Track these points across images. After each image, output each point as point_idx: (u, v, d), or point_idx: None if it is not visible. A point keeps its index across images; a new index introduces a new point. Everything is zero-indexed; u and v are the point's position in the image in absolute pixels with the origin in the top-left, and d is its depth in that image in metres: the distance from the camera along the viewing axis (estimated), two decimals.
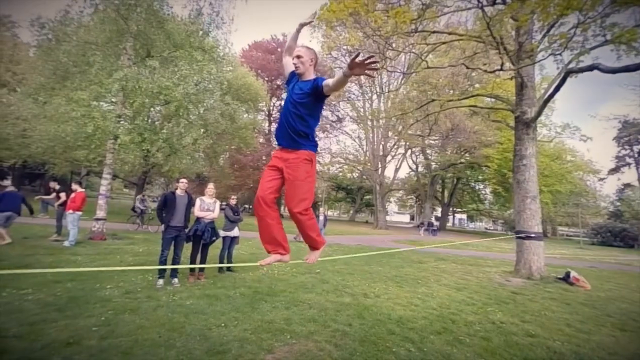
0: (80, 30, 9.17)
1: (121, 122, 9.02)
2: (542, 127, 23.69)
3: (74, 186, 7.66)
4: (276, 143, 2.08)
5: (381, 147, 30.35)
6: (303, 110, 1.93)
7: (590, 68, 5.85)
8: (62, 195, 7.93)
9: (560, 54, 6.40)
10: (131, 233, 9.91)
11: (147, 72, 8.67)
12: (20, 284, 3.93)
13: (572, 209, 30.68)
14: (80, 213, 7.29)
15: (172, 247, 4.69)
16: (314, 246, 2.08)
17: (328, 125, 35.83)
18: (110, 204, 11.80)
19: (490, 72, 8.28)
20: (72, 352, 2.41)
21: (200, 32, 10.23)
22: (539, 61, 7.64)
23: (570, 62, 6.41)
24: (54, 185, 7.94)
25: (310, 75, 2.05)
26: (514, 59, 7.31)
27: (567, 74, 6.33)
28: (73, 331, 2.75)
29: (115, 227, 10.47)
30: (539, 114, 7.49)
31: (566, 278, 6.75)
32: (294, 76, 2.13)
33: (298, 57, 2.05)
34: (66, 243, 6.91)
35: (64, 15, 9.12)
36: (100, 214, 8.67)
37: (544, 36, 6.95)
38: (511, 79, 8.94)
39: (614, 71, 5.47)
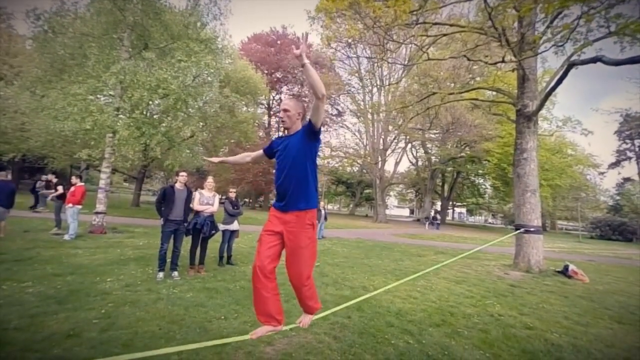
0: (76, 21, 9.04)
1: (119, 116, 8.96)
2: (543, 121, 23.57)
3: (74, 180, 7.64)
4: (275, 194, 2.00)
5: (381, 140, 30.22)
6: (302, 162, 1.84)
7: (593, 60, 5.77)
8: (60, 188, 7.89)
9: (563, 46, 6.31)
10: (131, 227, 9.92)
11: (145, 64, 8.57)
12: (20, 276, 3.95)
13: (571, 203, 30.71)
14: (80, 207, 7.29)
15: (171, 241, 4.70)
16: (309, 312, 2.04)
17: (328, 119, 35.66)
18: (110, 198, 11.81)
19: (492, 65, 8.20)
20: (72, 344, 2.42)
21: (199, 24, 10.07)
22: (541, 52, 7.54)
23: (573, 54, 6.33)
24: (52, 178, 7.90)
25: (298, 128, 1.94)
26: (516, 50, 7.21)
27: (570, 66, 6.25)
28: (73, 323, 2.76)
29: (115, 220, 10.49)
30: (540, 107, 7.43)
31: (564, 271, 6.78)
32: (277, 143, 2.02)
33: (285, 110, 1.92)
34: (66, 236, 6.92)
35: (60, 7, 8.98)
36: (100, 207, 8.68)
37: (547, 27, 6.84)
38: (513, 71, 8.85)
39: (617, 63, 5.40)
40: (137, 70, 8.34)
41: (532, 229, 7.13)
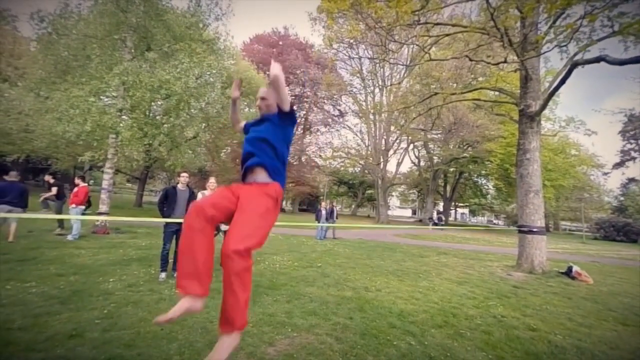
0: (79, 23, 9.12)
1: (122, 117, 9.01)
2: (546, 121, 23.48)
3: (77, 180, 7.69)
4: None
5: (383, 141, 30.19)
6: (273, 142, 1.78)
7: (597, 59, 5.73)
8: (54, 189, 7.87)
9: (566, 46, 6.28)
10: (134, 227, 9.97)
11: (148, 65, 8.62)
12: (24, 276, 3.98)
13: (575, 203, 30.51)
14: (83, 207, 7.34)
15: (174, 241, 4.71)
16: (232, 321, 1.38)
17: (330, 120, 35.68)
18: (113, 198, 11.87)
19: (494, 65, 8.16)
20: (75, 344, 2.43)
21: (201, 25, 10.12)
22: (544, 53, 7.51)
23: (576, 53, 6.30)
24: (49, 179, 7.94)
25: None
26: (519, 51, 7.18)
27: (573, 66, 6.21)
28: (76, 323, 2.77)
29: (118, 221, 10.54)
30: (543, 107, 7.39)
31: (568, 272, 6.73)
32: (252, 124, 1.99)
33: (262, 99, 1.91)
34: (69, 237, 6.97)
35: (64, 9, 9.07)
36: (103, 208, 8.73)
37: (549, 27, 6.81)
38: (515, 71, 8.81)
39: (621, 63, 5.36)
40: (140, 71, 8.39)
41: (535, 230, 7.09)
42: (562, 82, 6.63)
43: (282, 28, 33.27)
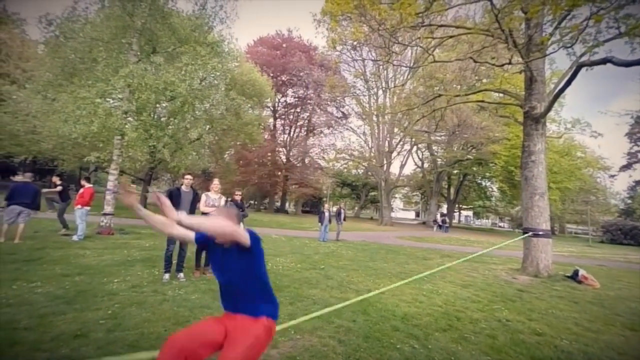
0: (86, 26, 9.25)
1: (128, 119, 9.11)
2: (551, 123, 23.29)
3: (83, 182, 7.76)
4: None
5: (387, 143, 30.14)
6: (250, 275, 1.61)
7: (603, 61, 5.68)
8: (58, 189, 7.95)
9: (571, 47, 6.22)
10: (138, 228, 10.03)
11: (153, 68, 8.71)
12: (30, 276, 4.02)
13: (581, 206, 30.17)
14: (88, 208, 7.40)
15: (177, 242, 4.73)
16: None
17: (333, 122, 35.71)
18: (118, 199, 11.96)
19: (499, 66, 8.12)
20: (79, 344, 2.45)
21: (206, 28, 10.21)
22: (549, 54, 7.45)
23: (582, 55, 6.24)
24: (56, 180, 8.04)
25: None
26: (524, 52, 7.14)
27: (579, 67, 6.16)
28: (81, 324, 2.80)
29: (122, 222, 10.62)
30: (548, 109, 7.32)
31: (574, 276, 6.65)
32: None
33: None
34: (75, 237, 7.03)
35: (71, 12, 9.20)
36: (108, 209, 8.80)
37: (555, 28, 6.77)
38: (520, 72, 8.76)
39: (628, 64, 5.31)
40: (145, 73, 8.48)
41: (540, 233, 7.02)
42: (568, 83, 6.57)
43: (286, 30, 33.46)
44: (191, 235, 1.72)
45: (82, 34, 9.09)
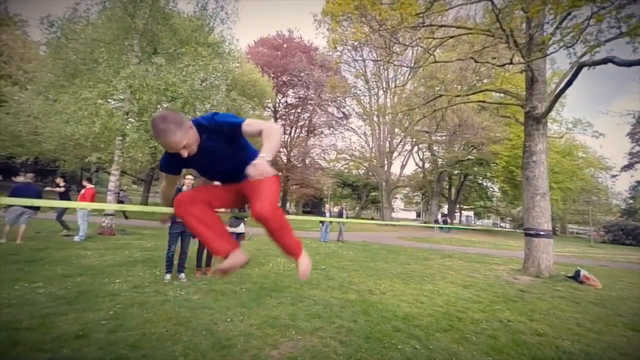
0: (88, 28, 9.28)
1: (129, 120, 9.13)
2: (552, 123, 23.24)
3: (84, 182, 7.79)
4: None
5: (387, 143, 30.11)
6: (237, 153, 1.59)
7: (604, 61, 5.67)
8: (61, 189, 7.96)
9: (572, 47, 6.21)
10: (139, 228, 10.05)
11: (154, 69, 8.73)
12: (32, 277, 4.03)
13: (582, 206, 30.06)
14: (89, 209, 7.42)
15: (179, 243, 4.74)
16: (294, 253, 1.69)
17: (334, 122, 35.70)
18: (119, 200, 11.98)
19: (500, 66, 8.10)
20: (81, 344, 2.45)
21: (207, 29, 10.23)
22: (550, 54, 7.44)
23: (583, 54, 6.22)
24: (59, 181, 8.06)
25: (198, 138, 1.48)
26: (525, 52, 7.13)
27: (580, 67, 6.15)
28: (82, 324, 2.80)
29: (123, 222, 10.64)
30: (549, 109, 7.31)
31: (576, 277, 6.63)
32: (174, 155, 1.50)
33: (184, 148, 1.40)
34: (76, 238, 7.05)
35: (72, 13, 9.23)
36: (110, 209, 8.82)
37: (556, 28, 6.75)
38: (521, 72, 8.74)
39: (630, 64, 5.30)
40: (147, 74, 8.50)
41: (541, 233, 7.00)
42: (569, 83, 6.56)
43: (286, 31, 33.44)
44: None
45: (84, 35, 9.12)
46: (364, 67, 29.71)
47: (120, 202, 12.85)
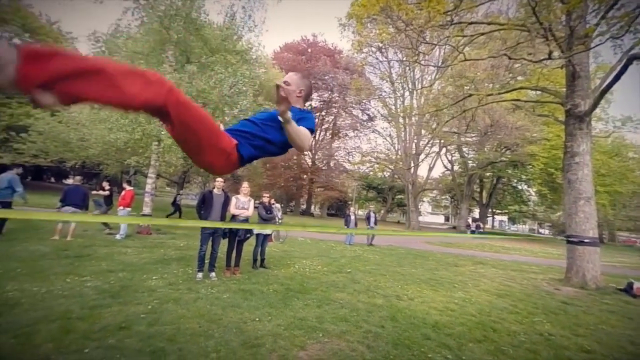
0: (128, 42, 10.02)
1: (164, 126, 9.69)
2: (597, 121, 21.43)
3: (124, 185, 8.38)
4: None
5: (414, 145, 29.36)
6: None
7: None
8: (106, 192, 8.65)
9: (621, 38, 5.72)
10: (173, 228, 10.60)
11: (187, 77, 9.22)
12: (81, 271, 4.39)
13: (634, 212, 27.32)
14: (129, 209, 7.96)
15: (210, 243, 4.95)
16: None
17: (358, 124, 35.50)
18: (155, 201, 12.73)
19: (536, 62, 7.62)
20: (124, 335, 2.63)
21: (235, 37, 10.64)
22: (594, 47, 6.88)
23: (633, 46, 5.71)
24: (105, 185, 8.74)
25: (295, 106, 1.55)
26: (565, 46, 6.66)
27: (630, 60, 5.64)
28: (125, 317, 3.01)
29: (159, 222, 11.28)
30: (594, 106, 6.76)
31: (628, 289, 6.03)
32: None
33: (285, 83, 1.52)
34: (117, 236, 7.59)
35: (115, 29, 10.02)
36: (147, 210, 9.40)
37: (601, 18, 6.24)
38: (561, 68, 8.16)
39: None
40: (181, 82, 9.00)
41: (586, 240, 6.45)
42: (617, 78, 6.03)
43: (311, 36, 33.89)
44: None
45: (125, 49, 9.86)
46: (389, 68, 29.28)
47: (176, 204, 14.48)
